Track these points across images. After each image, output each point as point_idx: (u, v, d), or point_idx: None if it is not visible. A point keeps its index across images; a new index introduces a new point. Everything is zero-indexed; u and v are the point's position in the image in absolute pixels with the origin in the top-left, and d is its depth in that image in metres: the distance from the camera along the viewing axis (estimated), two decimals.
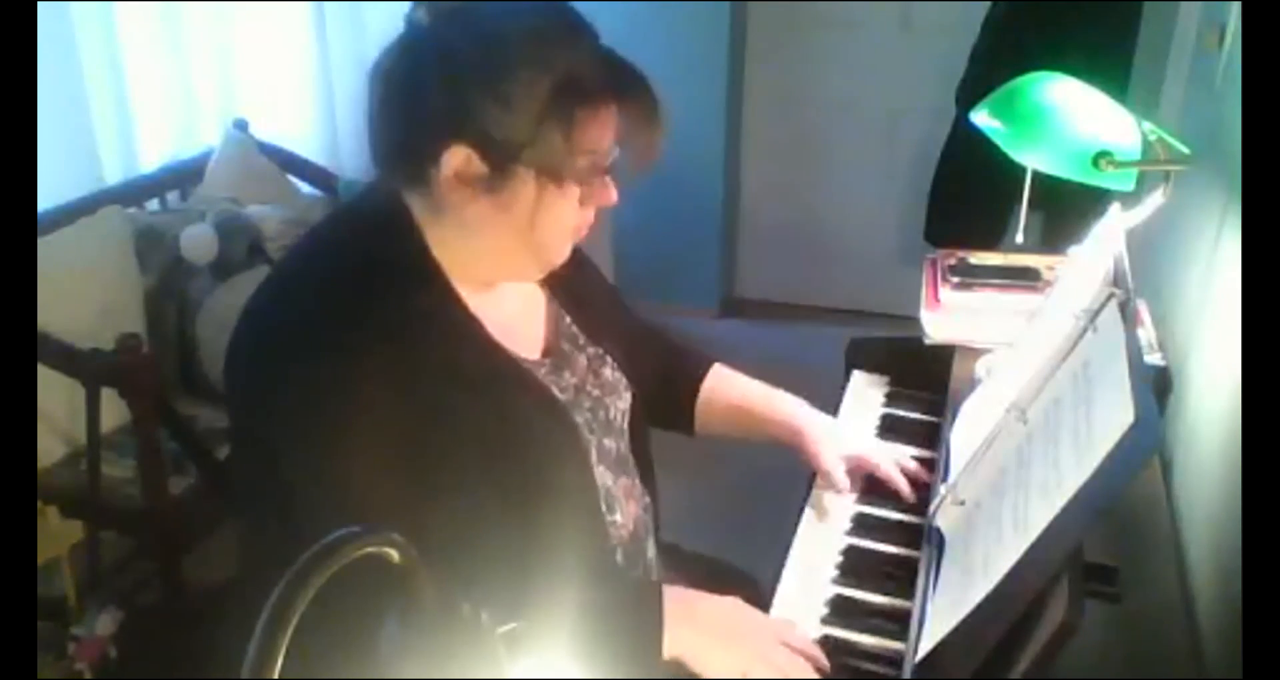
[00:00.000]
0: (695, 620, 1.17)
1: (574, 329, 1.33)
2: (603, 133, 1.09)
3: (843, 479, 1.45)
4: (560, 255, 1.19)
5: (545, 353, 1.27)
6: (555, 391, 1.23)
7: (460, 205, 1.10)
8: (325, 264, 1.15)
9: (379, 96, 1.10)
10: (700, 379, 1.54)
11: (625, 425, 1.35)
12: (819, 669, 1.17)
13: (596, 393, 1.30)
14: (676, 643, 1.14)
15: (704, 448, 1.58)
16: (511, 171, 1.07)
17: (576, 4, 1.14)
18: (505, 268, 1.19)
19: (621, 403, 1.35)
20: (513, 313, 1.24)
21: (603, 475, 1.26)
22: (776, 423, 1.49)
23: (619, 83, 1.10)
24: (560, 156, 1.07)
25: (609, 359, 1.34)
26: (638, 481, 1.35)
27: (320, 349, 1.07)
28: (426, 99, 1.07)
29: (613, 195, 1.16)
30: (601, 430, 1.29)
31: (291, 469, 1.08)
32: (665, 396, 1.49)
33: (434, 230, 1.14)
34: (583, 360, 1.31)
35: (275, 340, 1.11)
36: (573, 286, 1.34)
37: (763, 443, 1.50)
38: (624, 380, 1.35)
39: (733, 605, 1.21)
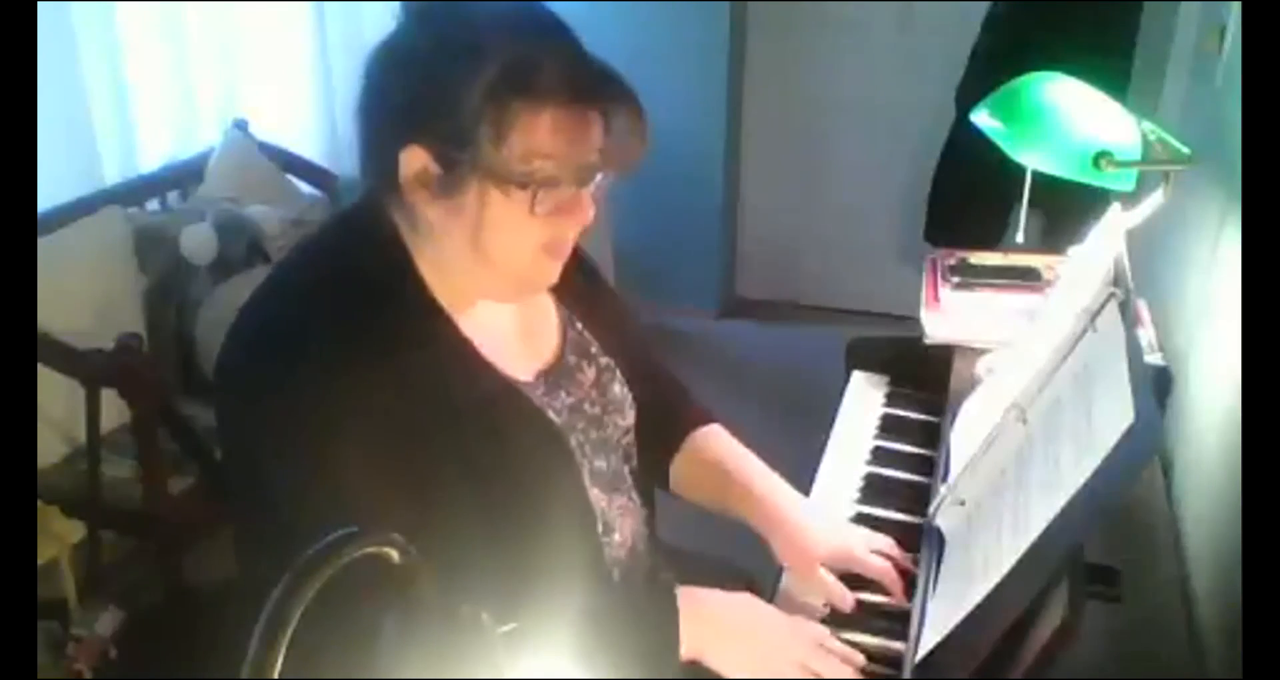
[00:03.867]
0: (709, 618, 1.15)
1: (586, 336, 1.30)
2: (548, 136, 1.03)
3: (836, 588, 1.27)
4: (539, 276, 1.14)
5: (545, 369, 1.23)
6: (550, 414, 1.20)
7: (423, 211, 1.07)
8: (313, 279, 1.14)
9: (356, 102, 1.10)
10: (686, 432, 1.42)
11: (625, 441, 1.32)
12: (846, 660, 1.16)
13: (596, 411, 1.27)
14: (693, 641, 1.12)
15: None
16: (460, 174, 1.04)
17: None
18: (477, 284, 1.14)
19: (625, 421, 1.31)
20: (508, 328, 1.21)
21: (596, 497, 1.23)
22: (753, 503, 1.32)
23: (572, 85, 1.03)
24: (496, 157, 1.02)
25: (619, 373, 1.31)
26: (633, 497, 1.32)
27: (303, 366, 1.05)
28: (388, 98, 1.07)
29: (587, 214, 1.10)
30: (595, 451, 1.25)
31: (275, 484, 1.07)
32: (646, 443, 1.36)
33: (414, 243, 1.12)
34: (591, 373, 1.28)
35: (260, 356, 1.10)
36: (584, 296, 1.31)
37: (733, 518, 1.35)
38: (630, 396, 1.32)
39: (746, 601, 1.20)
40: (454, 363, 1.13)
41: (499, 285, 1.15)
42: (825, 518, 1.35)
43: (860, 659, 1.18)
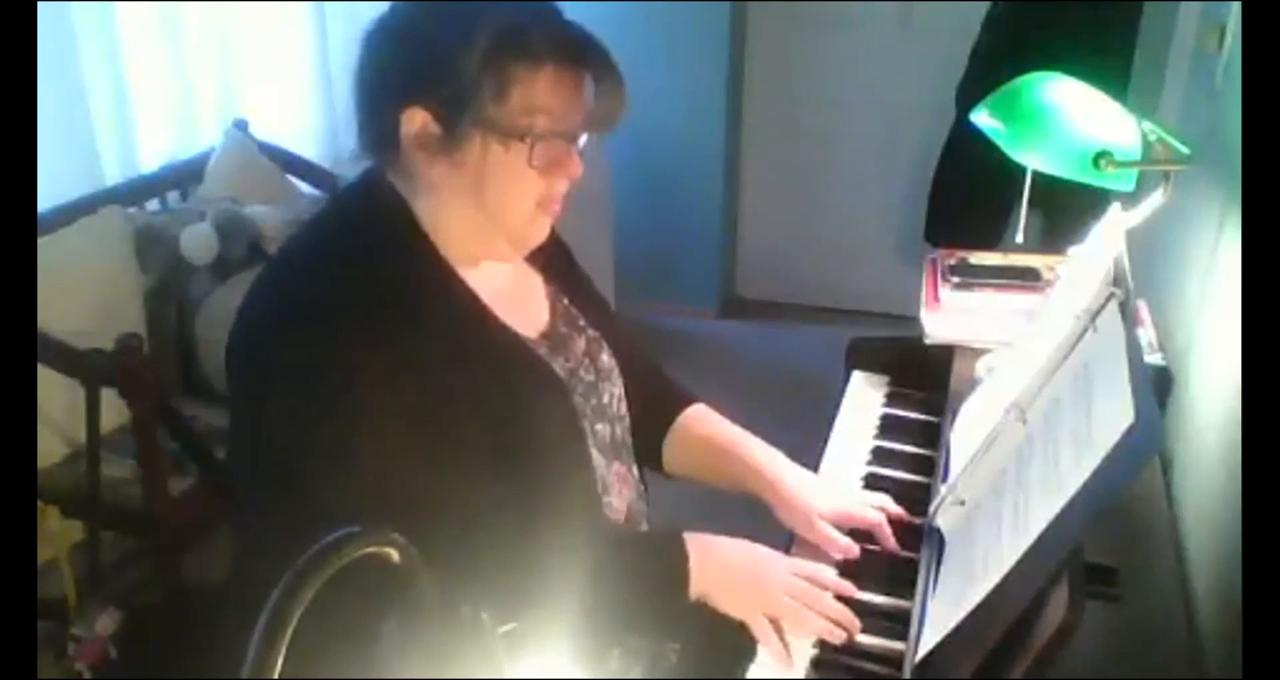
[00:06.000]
0: (715, 560, 1.22)
1: (573, 310, 1.35)
2: (545, 93, 1.11)
3: (837, 538, 1.33)
4: (531, 231, 1.21)
5: (544, 334, 1.28)
6: (555, 367, 1.25)
7: (423, 170, 1.13)
8: (324, 247, 1.18)
9: (355, 75, 1.16)
10: (676, 413, 1.47)
11: (620, 411, 1.37)
12: (843, 594, 1.24)
13: (591, 378, 1.32)
14: (699, 583, 1.19)
15: None
16: (462, 132, 1.11)
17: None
18: (478, 241, 1.20)
19: (616, 389, 1.36)
20: (511, 292, 1.26)
21: (596, 459, 1.27)
22: (750, 470, 1.38)
23: (567, 46, 1.12)
24: (498, 111, 1.10)
25: (605, 344, 1.36)
26: (632, 468, 1.37)
27: (324, 328, 1.08)
28: (387, 67, 1.14)
29: (577, 168, 1.17)
30: (595, 415, 1.30)
31: (298, 449, 1.09)
32: (638, 427, 1.41)
33: (417, 205, 1.17)
34: (581, 343, 1.33)
35: (279, 323, 1.12)
36: (566, 277, 1.36)
37: (730, 489, 1.41)
38: (617, 367, 1.37)
39: (747, 544, 1.26)
40: (466, 315, 1.18)
41: (495, 241, 1.21)
42: (819, 480, 1.42)
43: (852, 591, 1.25)
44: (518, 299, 1.27)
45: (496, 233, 1.19)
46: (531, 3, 1.14)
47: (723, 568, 1.22)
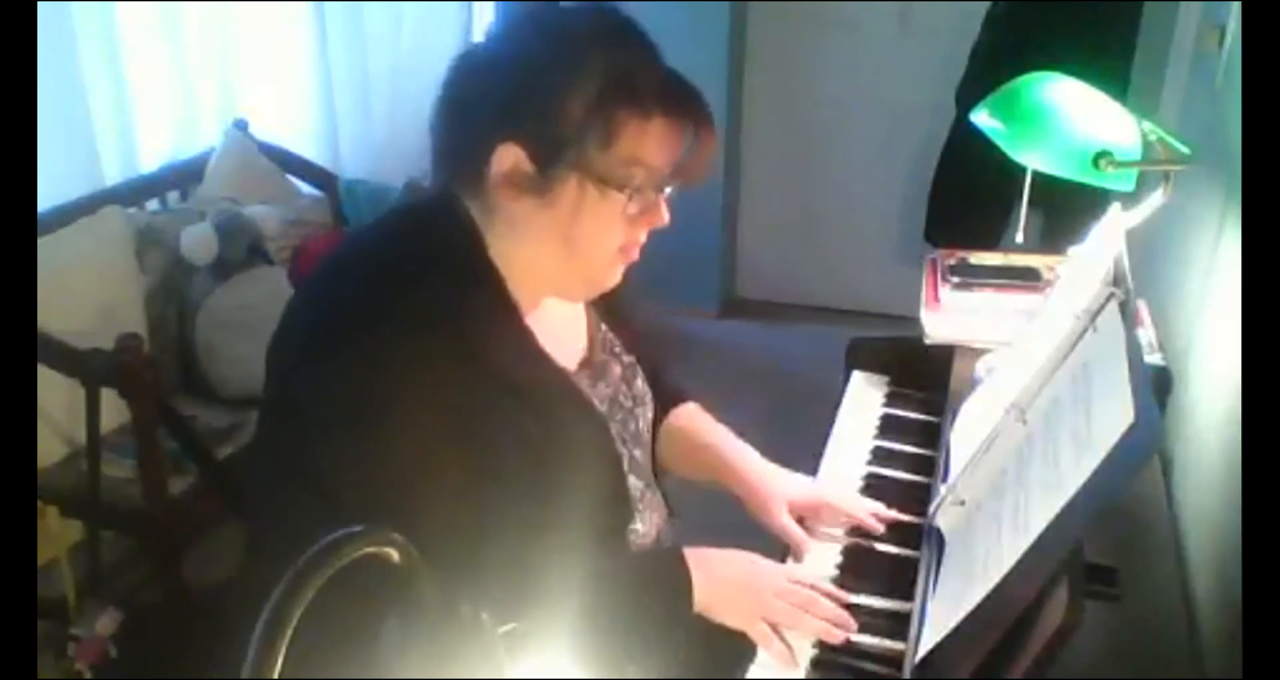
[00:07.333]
0: (714, 574, 1.22)
1: (610, 337, 1.35)
2: (652, 146, 1.09)
3: (793, 530, 1.36)
4: (608, 275, 1.20)
5: (583, 363, 1.28)
6: (596, 402, 1.25)
7: (508, 206, 1.11)
8: (386, 254, 1.17)
9: (442, 100, 1.13)
10: (666, 410, 1.48)
11: (650, 436, 1.38)
12: (837, 601, 1.25)
13: (629, 404, 1.33)
14: (701, 598, 1.21)
15: None
16: (557, 174, 1.09)
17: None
18: (552, 281, 1.19)
19: (648, 414, 1.37)
20: (556, 324, 1.25)
21: (633, 483, 1.28)
22: (722, 464, 1.42)
23: (672, 98, 1.10)
24: (601, 159, 1.08)
25: (639, 370, 1.37)
26: (661, 493, 1.38)
27: (377, 335, 1.07)
28: (483, 99, 1.11)
29: (664, 218, 1.16)
30: (633, 441, 1.31)
31: (334, 449, 1.08)
32: None
33: (489, 236, 1.15)
34: (617, 370, 1.33)
35: (332, 323, 1.11)
36: (609, 296, 1.35)
37: (713, 485, 1.44)
38: (649, 392, 1.38)
39: (743, 555, 1.27)
40: (515, 345, 1.17)
41: (571, 282, 1.20)
42: (790, 473, 1.43)
43: (846, 598, 1.27)
44: (560, 327, 1.26)
45: (573, 274, 1.18)
46: (641, 49, 1.12)
47: (720, 581, 1.22)
